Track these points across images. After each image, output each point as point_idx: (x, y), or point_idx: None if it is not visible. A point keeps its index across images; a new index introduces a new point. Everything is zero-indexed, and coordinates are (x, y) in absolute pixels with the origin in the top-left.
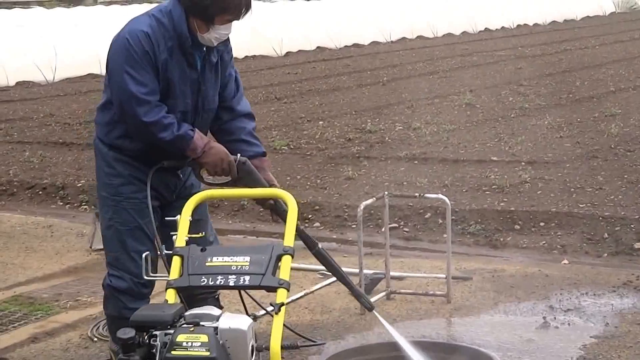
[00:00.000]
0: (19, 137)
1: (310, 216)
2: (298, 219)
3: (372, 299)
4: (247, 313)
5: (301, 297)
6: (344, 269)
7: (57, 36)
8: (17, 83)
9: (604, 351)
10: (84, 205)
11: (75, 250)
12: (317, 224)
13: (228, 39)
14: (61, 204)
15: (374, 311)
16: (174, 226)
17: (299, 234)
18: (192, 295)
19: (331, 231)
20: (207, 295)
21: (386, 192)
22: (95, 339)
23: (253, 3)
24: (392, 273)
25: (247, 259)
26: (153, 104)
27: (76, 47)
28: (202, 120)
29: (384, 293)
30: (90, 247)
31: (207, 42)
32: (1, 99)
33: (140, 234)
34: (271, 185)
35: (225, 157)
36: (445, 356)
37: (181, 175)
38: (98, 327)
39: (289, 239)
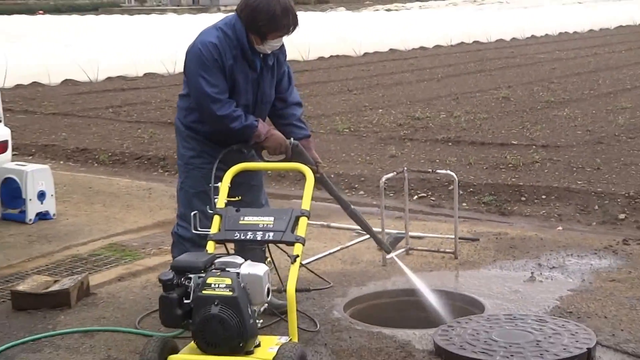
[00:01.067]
0: (137, 117)
1: (356, 185)
2: (347, 188)
3: (394, 253)
4: (273, 263)
5: (337, 250)
6: (374, 229)
7: (180, 36)
8: (145, 74)
9: (576, 302)
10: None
11: (166, 209)
12: (362, 192)
13: (283, 48)
14: (161, 172)
15: (394, 256)
16: (234, 190)
17: (336, 198)
18: (244, 246)
19: (372, 198)
20: (255, 246)
21: (405, 168)
22: None
23: (342, 13)
24: (411, 233)
25: (272, 219)
26: (224, 100)
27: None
28: (261, 110)
29: (404, 249)
30: None
31: (262, 51)
32: (130, 87)
33: (204, 197)
34: (316, 162)
35: (283, 142)
36: (446, 300)
37: (245, 151)
38: None
39: (306, 204)
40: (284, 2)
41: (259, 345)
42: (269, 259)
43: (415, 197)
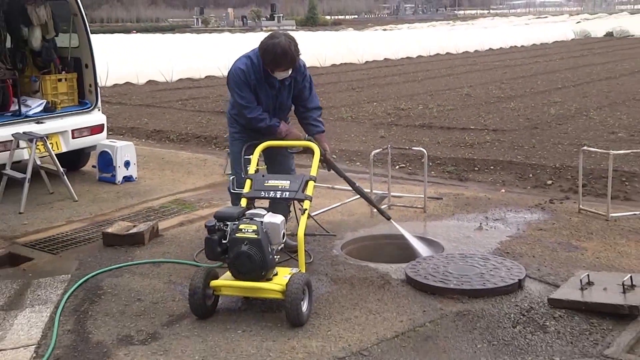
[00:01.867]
0: (199, 108)
1: (354, 158)
2: (348, 160)
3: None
4: (296, 217)
5: (337, 205)
6: (366, 190)
7: (232, 49)
8: (206, 76)
9: (512, 245)
10: (226, 149)
11: (216, 174)
12: (358, 163)
13: (300, 70)
14: (214, 147)
15: (392, 221)
16: (272, 157)
17: (343, 178)
18: (274, 202)
19: (365, 167)
20: (281, 202)
21: (389, 145)
22: None
23: (350, 32)
24: (392, 193)
25: (288, 182)
26: (252, 107)
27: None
28: (279, 114)
29: (386, 205)
30: (224, 173)
31: (277, 77)
32: (194, 86)
33: (239, 163)
34: (324, 150)
35: (299, 138)
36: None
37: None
38: None
39: (314, 171)
40: (284, 48)
41: (276, 274)
42: (292, 214)
43: (397, 167)
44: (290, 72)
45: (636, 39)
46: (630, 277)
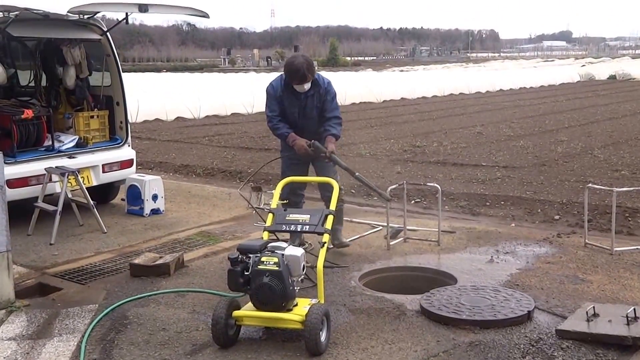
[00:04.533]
0: (225, 144)
1: (372, 194)
2: (366, 195)
3: (393, 242)
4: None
5: (356, 238)
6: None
7: (256, 88)
8: (232, 114)
9: (521, 277)
10: (250, 183)
11: (239, 207)
12: (375, 198)
13: (323, 86)
14: (239, 181)
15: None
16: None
17: (344, 169)
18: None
19: (383, 202)
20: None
21: (405, 181)
22: None
23: (369, 72)
24: (408, 227)
25: (308, 216)
26: (272, 117)
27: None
28: (305, 121)
29: (402, 239)
30: (248, 206)
31: (298, 89)
32: (221, 122)
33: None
34: (330, 151)
35: (304, 146)
36: (430, 275)
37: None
38: None
39: (333, 205)
40: (297, 66)
41: (296, 305)
42: (309, 245)
43: (412, 202)
44: (307, 86)
45: (637, 82)
46: (634, 309)
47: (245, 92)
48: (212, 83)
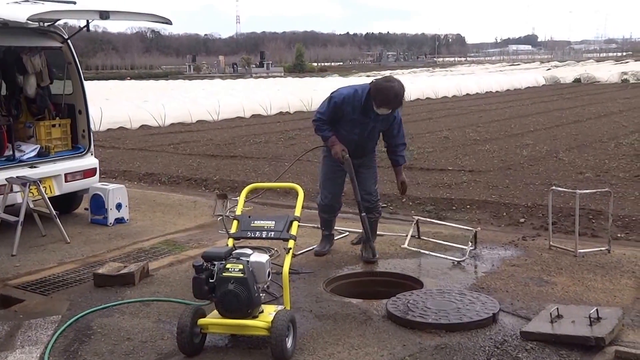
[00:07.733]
0: (190, 151)
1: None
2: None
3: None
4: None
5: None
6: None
7: (221, 94)
8: (197, 121)
9: (487, 280)
10: (215, 190)
11: (205, 216)
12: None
13: (393, 110)
14: (203, 189)
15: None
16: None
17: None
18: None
19: (348, 208)
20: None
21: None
22: None
23: (334, 78)
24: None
25: (273, 222)
26: (320, 119)
27: (241, 100)
28: (365, 141)
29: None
30: (213, 214)
31: (376, 111)
32: (186, 130)
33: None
34: (401, 182)
35: (339, 151)
36: (394, 279)
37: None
38: None
39: (298, 211)
40: (397, 92)
41: (262, 312)
42: (274, 252)
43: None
44: (391, 111)
45: (602, 85)
46: (597, 310)
47: (210, 99)
48: (177, 90)
